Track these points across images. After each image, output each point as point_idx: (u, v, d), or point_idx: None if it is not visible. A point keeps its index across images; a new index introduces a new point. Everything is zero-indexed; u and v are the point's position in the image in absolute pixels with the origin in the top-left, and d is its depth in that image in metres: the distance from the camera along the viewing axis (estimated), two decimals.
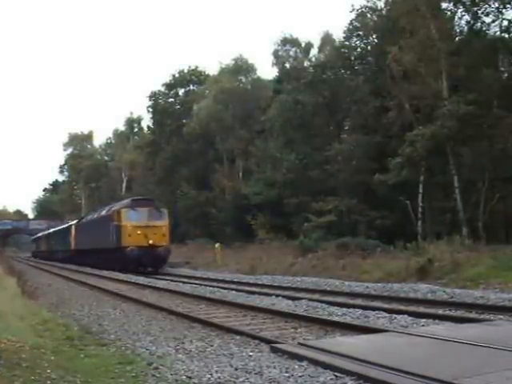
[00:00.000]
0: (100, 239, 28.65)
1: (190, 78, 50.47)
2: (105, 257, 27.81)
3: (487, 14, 22.94)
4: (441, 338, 6.35)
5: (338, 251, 22.08)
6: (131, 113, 67.55)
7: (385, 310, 9.37)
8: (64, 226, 45.78)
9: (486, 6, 22.78)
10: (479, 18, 23.30)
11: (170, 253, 26.06)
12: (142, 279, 19.81)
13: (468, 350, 5.78)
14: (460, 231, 21.04)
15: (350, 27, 30.09)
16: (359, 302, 11.46)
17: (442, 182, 24.18)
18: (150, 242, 24.73)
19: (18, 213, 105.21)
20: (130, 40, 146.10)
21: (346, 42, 30.97)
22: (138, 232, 24.91)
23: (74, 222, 41.26)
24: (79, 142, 75.32)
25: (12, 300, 10.66)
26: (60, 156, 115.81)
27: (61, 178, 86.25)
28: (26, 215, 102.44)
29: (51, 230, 53.15)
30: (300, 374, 5.36)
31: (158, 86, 51.49)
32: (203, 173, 42.22)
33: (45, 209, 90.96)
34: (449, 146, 22.21)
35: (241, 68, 42.10)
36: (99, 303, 13.02)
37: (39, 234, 62.61)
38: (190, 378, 5.44)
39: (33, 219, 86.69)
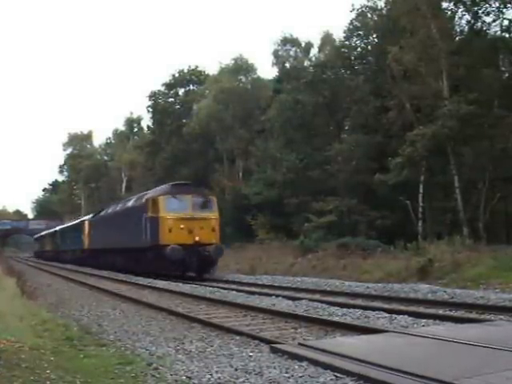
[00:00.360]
0: (126, 236, 23.33)
1: (190, 78, 50.51)
2: (133, 258, 22.88)
3: (488, 14, 22.97)
4: (441, 339, 6.32)
5: (339, 251, 22.08)
6: (131, 113, 67.79)
7: (385, 311, 9.34)
8: (74, 223, 41.38)
9: (487, 5, 22.80)
10: (480, 17, 23.32)
11: (221, 253, 20.74)
12: (141, 279, 19.78)
13: (468, 351, 5.76)
14: (460, 231, 21.04)
15: (351, 27, 30.14)
16: (359, 302, 11.43)
17: (442, 181, 24.18)
18: (196, 238, 19.83)
19: (18, 213, 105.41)
20: (129, 40, 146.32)
21: (346, 42, 31.01)
22: (181, 226, 19.80)
23: (88, 216, 36.27)
24: (79, 142, 75.37)
25: (11, 300, 10.64)
26: (60, 156, 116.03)
27: (60, 178, 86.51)
28: (25, 215, 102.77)
29: (58, 228, 49.13)
30: (300, 375, 5.33)
31: (158, 86, 51.65)
32: (203, 173, 42.18)
33: (44, 209, 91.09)
34: (449, 146, 22.21)
35: (241, 68, 42.09)
36: (99, 303, 12.99)
37: (43, 233, 59.44)
38: (189, 378, 5.41)
39: (32, 219, 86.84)
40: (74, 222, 41.81)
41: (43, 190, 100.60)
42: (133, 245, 22.35)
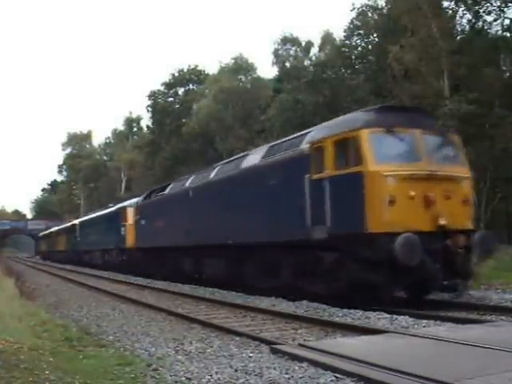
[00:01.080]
0: (251, 224, 13.12)
1: (190, 78, 50.58)
2: (277, 265, 12.33)
3: (489, 13, 23.00)
4: (442, 339, 6.28)
5: None
6: (130, 112, 68.06)
7: (385, 311, 9.31)
8: (105, 212, 31.50)
9: (488, 4, 22.84)
10: (481, 16, 23.36)
11: (492, 249, 10.52)
12: (141, 280, 19.70)
13: (469, 351, 5.72)
14: None
15: (351, 26, 30.17)
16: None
17: None
18: (441, 221, 9.69)
19: (17, 213, 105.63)
20: (129, 39, 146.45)
21: (347, 41, 31.04)
22: (411, 193, 9.54)
23: (131, 201, 25.96)
24: (78, 142, 75.50)
25: (10, 301, 10.61)
26: (59, 156, 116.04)
27: (59, 178, 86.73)
28: (24, 215, 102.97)
29: (77, 221, 40.20)
30: (300, 376, 5.30)
31: (158, 86, 51.88)
32: None
33: (43, 209, 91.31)
34: None
35: (241, 67, 42.11)
36: (98, 304, 12.96)
37: (54, 229, 51.85)
38: (189, 379, 5.38)
39: (31, 219, 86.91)
40: (105, 212, 31.71)
41: (42, 190, 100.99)
42: (275, 238, 12.03)
